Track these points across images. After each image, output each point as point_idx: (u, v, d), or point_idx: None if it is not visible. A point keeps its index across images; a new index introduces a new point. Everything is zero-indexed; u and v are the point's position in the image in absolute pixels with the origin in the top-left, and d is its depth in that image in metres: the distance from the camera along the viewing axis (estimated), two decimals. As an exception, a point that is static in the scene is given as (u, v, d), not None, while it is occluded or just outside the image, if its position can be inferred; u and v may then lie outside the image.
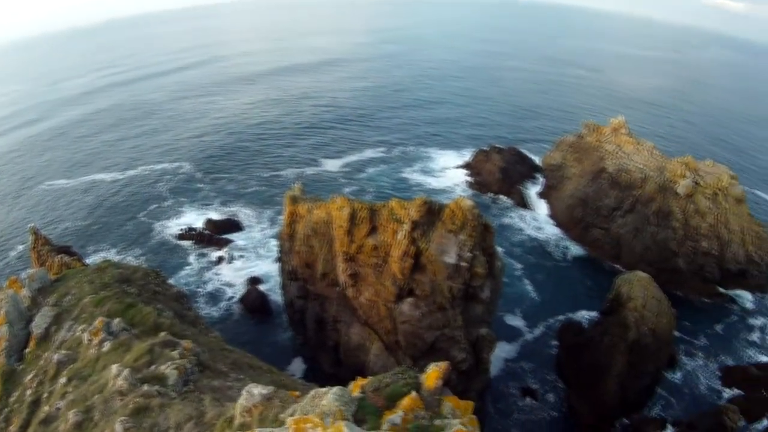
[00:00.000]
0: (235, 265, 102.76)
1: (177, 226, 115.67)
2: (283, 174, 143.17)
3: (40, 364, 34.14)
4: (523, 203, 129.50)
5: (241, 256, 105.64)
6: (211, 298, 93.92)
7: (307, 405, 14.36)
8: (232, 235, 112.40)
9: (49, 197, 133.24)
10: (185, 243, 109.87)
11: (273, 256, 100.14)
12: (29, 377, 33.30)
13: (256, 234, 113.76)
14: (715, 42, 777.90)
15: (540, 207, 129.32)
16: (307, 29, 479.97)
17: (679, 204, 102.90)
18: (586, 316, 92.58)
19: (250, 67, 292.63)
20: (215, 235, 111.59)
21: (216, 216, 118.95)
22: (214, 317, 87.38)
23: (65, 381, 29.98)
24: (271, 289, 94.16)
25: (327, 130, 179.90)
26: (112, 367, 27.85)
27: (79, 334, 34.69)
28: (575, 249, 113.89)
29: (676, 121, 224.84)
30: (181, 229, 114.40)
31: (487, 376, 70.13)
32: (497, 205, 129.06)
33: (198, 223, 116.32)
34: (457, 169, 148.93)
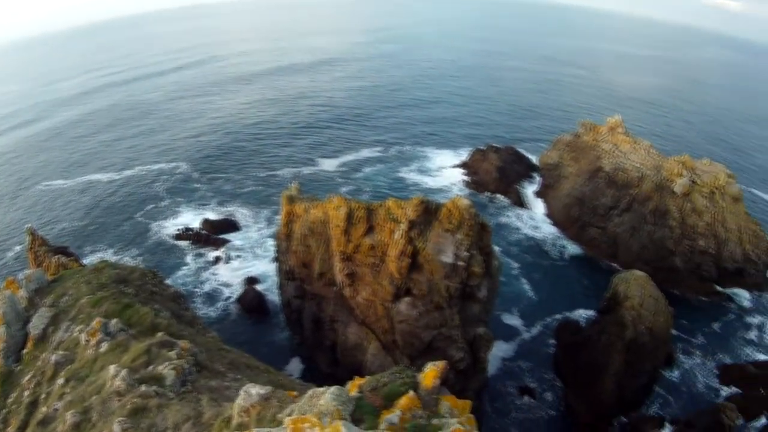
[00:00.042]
0: (232, 265, 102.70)
1: (174, 227, 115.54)
2: (280, 174, 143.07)
3: (38, 365, 34.13)
4: (520, 202, 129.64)
5: (238, 256, 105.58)
6: (209, 298, 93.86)
7: (305, 405, 14.38)
8: (229, 235, 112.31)
9: (46, 198, 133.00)
10: (182, 243, 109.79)
11: (270, 255, 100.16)
12: (27, 378, 33.30)
13: (253, 234, 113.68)
14: (713, 41, 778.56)
15: (537, 206, 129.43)
16: (306, 29, 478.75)
17: (676, 203, 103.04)
18: (583, 315, 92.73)
19: (248, 66, 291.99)
20: (212, 235, 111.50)
21: (213, 216, 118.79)
22: (211, 317, 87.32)
23: (63, 382, 29.96)
24: (269, 288, 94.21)
25: (324, 130, 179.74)
26: (109, 367, 27.84)
27: (76, 334, 34.67)
28: (572, 248, 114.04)
29: (673, 120, 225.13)
30: (178, 229, 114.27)
31: (484, 376, 70.22)
32: (494, 205, 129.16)
33: (195, 223, 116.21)
34: (454, 168, 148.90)
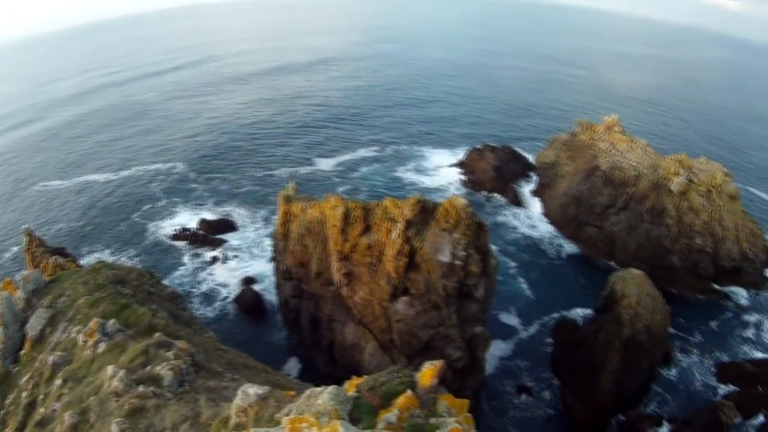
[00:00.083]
0: (229, 265, 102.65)
1: (171, 227, 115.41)
2: (277, 173, 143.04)
3: (36, 365, 34.15)
4: (517, 201, 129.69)
5: (236, 256, 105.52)
6: (206, 298, 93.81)
7: (303, 404, 14.39)
8: (226, 235, 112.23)
9: (43, 198, 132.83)
10: (179, 243, 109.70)
11: (267, 255, 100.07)
12: (25, 379, 33.31)
13: (250, 234, 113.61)
14: (710, 40, 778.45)
15: (534, 205, 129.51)
16: (304, 29, 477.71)
17: (673, 201, 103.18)
18: (580, 313, 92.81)
19: (244, 66, 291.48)
20: (209, 235, 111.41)
21: (210, 216, 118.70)
22: (208, 317, 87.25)
23: (61, 383, 29.97)
24: (266, 288, 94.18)
25: (320, 129, 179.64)
26: (107, 368, 27.85)
27: (74, 335, 34.69)
28: (569, 247, 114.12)
29: (670, 118, 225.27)
30: (175, 229, 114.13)
31: (482, 375, 70.28)
32: (491, 204, 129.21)
33: (192, 224, 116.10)
34: (451, 167, 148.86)
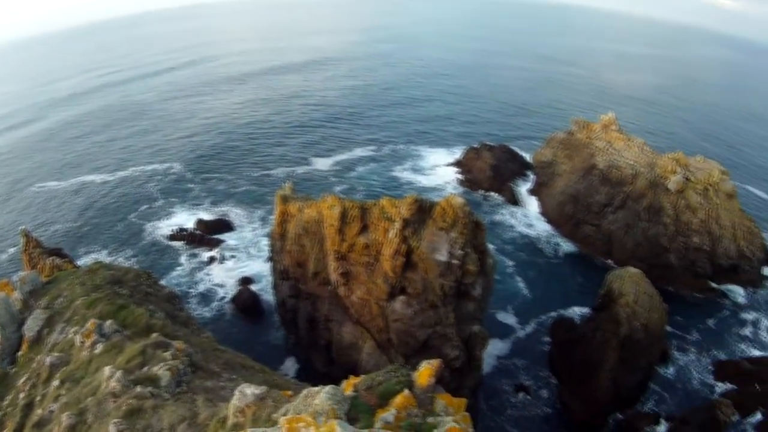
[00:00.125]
0: (226, 266, 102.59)
1: (168, 227, 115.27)
2: (274, 173, 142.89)
3: (33, 366, 34.13)
4: (514, 200, 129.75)
5: (233, 256, 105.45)
6: (203, 298, 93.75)
7: (300, 404, 14.41)
8: (224, 235, 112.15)
9: (39, 199, 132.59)
10: (176, 243, 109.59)
11: (264, 255, 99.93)
12: (22, 380, 33.27)
13: (248, 234, 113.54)
14: (708, 40, 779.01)
15: (531, 204, 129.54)
16: (303, 29, 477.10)
17: (670, 200, 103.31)
18: (578, 312, 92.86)
19: (241, 66, 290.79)
20: (206, 235, 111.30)
21: (207, 216, 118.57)
22: (206, 318, 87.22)
23: (58, 384, 29.96)
24: (263, 288, 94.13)
25: (317, 129, 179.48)
26: (104, 368, 27.85)
27: (71, 336, 34.67)
28: (566, 245, 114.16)
29: (666, 117, 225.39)
30: (172, 229, 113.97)
31: (479, 374, 70.27)
32: (488, 203, 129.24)
33: (189, 224, 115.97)
34: (448, 166, 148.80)
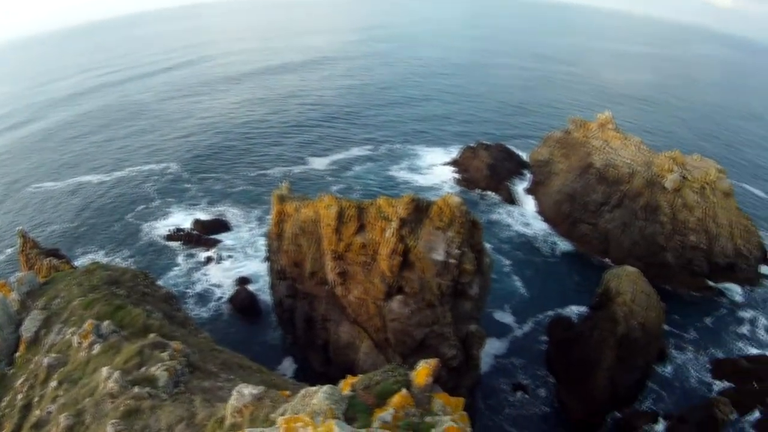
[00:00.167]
0: (223, 266, 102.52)
1: (165, 227, 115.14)
2: (270, 173, 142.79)
3: (31, 368, 34.09)
4: (510, 199, 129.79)
5: (230, 256, 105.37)
6: (200, 298, 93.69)
7: (298, 404, 14.43)
8: (221, 235, 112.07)
9: (37, 200, 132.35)
10: (173, 244, 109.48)
11: (261, 255, 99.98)
12: (20, 381, 33.25)
13: (245, 234, 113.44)
14: (706, 38, 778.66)
15: (528, 203, 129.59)
16: (301, 28, 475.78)
17: (667, 198, 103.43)
18: (575, 311, 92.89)
19: (238, 66, 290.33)
20: (203, 235, 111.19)
21: (204, 216, 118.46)
22: (203, 318, 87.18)
23: (56, 384, 29.96)
24: (260, 288, 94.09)
25: (314, 128, 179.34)
26: (102, 369, 27.84)
27: (68, 337, 34.66)
28: (563, 244, 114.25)
29: (663, 116, 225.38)
30: (169, 229, 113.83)
31: (477, 373, 70.38)
32: (485, 202, 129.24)
33: (186, 224, 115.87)
34: (445, 166, 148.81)
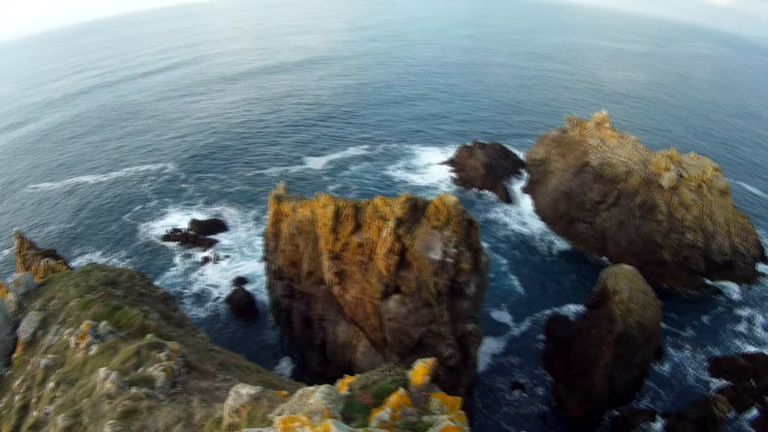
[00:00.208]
0: (220, 266, 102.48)
1: (162, 227, 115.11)
2: (267, 172, 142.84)
3: (28, 369, 34.03)
4: (507, 198, 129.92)
5: (227, 256, 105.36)
6: (198, 298, 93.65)
7: (295, 404, 14.42)
8: (218, 235, 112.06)
9: (33, 200, 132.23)
10: (170, 244, 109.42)
11: (258, 255, 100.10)
12: (17, 383, 33.18)
13: (242, 234, 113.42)
14: (699, 36, 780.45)
15: (524, 202, 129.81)
16: (298, 28, 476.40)
17: (664, 197, 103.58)
18: (572, 309, 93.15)
19: (234, 66, 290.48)
20: (200, 235, 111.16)
21: (200, 216, 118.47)
22: (200, 318, 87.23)
23: (53, 385, 29.88)
24: (258, 288, 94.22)
25: (310, 128, 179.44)
26: (99, 370, 27.78)
27: (65, 337, 34.60)
28: (560, 243, 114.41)
29: (659, 114, 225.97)
30: (165, 230, 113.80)
31: (475, 372, 70.36)
32: (482, 201, 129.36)
33: (183, 224, 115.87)
34: (441, 165, 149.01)
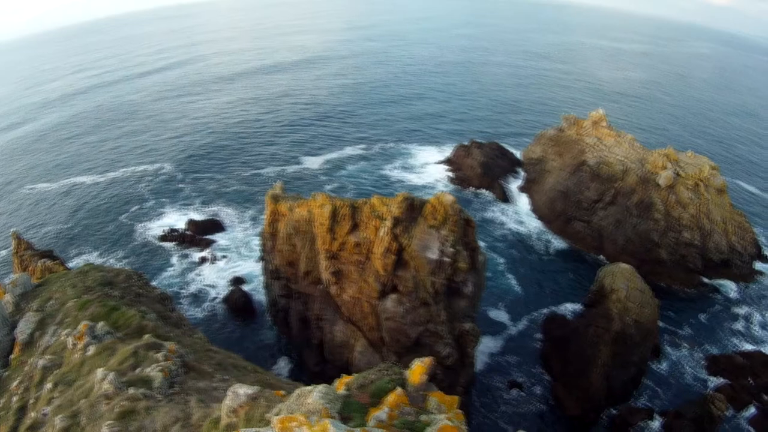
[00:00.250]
0: (218, 266, 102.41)
1: (159, 228, 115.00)
2: (264, 172, 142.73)
3: (26, 370, 34.01)
4: (504, 197, 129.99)
5: (224, 257, 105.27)
6: (195, 299, 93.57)
7: (293, 404, 14.44)
8: (215, 236, 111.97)
9: (30, 201, 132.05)
10: (167, 244, 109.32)
11: (255, 255, 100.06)
12: (15, 384, 33.15)
13: (239, 234, 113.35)
14: (697, 35, 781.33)
15: (521, 201, 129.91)
16: (294, 27, 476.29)
17: (660, 195, 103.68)
18: (569, 308, 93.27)
19: (231, 66, 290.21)
20: (197, 235, 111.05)
21: (198, 216, 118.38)
22: (198, 318, 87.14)
23: (51, 386, 29.86)
24: (255, 288, 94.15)
25: (307, 128, 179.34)
26: (97, 371, 27.76)
27: (63, 338, 34.57)
28: (557, 242, 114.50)
29: (656, 113, 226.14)
30: (163, 230, 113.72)
31: (472, 371, 70.40)
32: (479, 200, 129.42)
33: (180, 224, 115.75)
34: (438, 164, 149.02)
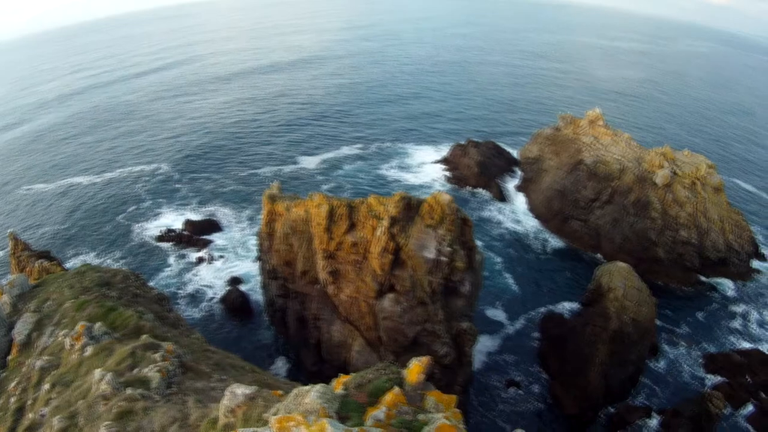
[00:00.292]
0: (215, 266, 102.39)
1: (156, 228, 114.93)
2: (261, 172, 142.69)
3: (23, 371, 33.97)
4: (501, 196, 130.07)
5: (221, 257, 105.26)
6: (192, 299, 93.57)
7: (291, 404, 14.45)
8: (212, 236, 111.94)
9: (27, 202, 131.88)
10: (164, 244, 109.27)
11: (253, 255, 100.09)
12: (12, 385, 33.11)
13: (236, 233, 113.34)
14: (698, 35, 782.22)
15: (518, 200, 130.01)
16: (291, 27, 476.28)
17: (657, 194, 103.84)
18: (567, 307, 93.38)
19: (228, 66, 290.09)
20: (194, 235, 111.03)
21: (195, 216, 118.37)
22: (195, 318, 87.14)
23: (49, 387, 29.84)
24: (252, 288, 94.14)
25: (304, 128, 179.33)
26: (94, 371, 27.74)
27: (60, 339, 34.53)
28: (554, 241, 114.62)
29: (653, 111, 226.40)
30: (160, 230, 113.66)
31: (470, 370, 70.45)
32: (475, 199, 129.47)
33: (177, 224, 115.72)
34: (435, 164, 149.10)
